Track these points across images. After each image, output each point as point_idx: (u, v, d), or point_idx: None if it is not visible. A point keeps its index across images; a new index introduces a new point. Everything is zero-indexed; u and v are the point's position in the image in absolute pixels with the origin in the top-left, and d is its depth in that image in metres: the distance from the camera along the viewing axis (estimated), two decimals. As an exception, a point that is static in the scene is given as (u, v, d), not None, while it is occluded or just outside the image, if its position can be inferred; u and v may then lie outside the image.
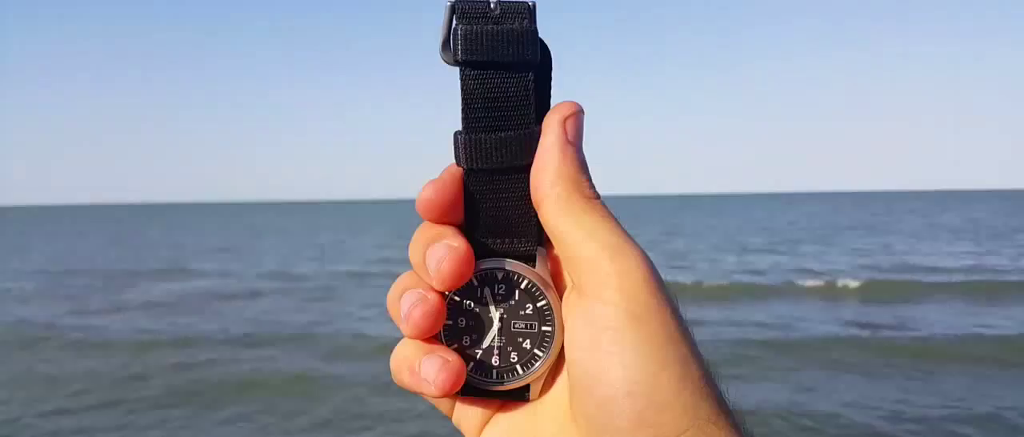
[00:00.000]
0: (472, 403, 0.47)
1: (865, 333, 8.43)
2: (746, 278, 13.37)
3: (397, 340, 0.46)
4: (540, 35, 0.43)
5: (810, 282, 12.34)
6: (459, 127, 0.44)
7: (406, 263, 0.45)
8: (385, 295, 0.46)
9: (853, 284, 12.00)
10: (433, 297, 0.43)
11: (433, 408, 0.49)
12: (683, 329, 0.40)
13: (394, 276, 0.47)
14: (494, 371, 0.45)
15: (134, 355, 7.71)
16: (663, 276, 0.41)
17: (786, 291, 11.87)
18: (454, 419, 0.48)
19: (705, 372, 0.40)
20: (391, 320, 0.45)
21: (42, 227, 48.99)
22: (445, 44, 0.42)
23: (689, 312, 0.43)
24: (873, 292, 11.54)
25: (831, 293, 11.60)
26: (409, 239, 0.45)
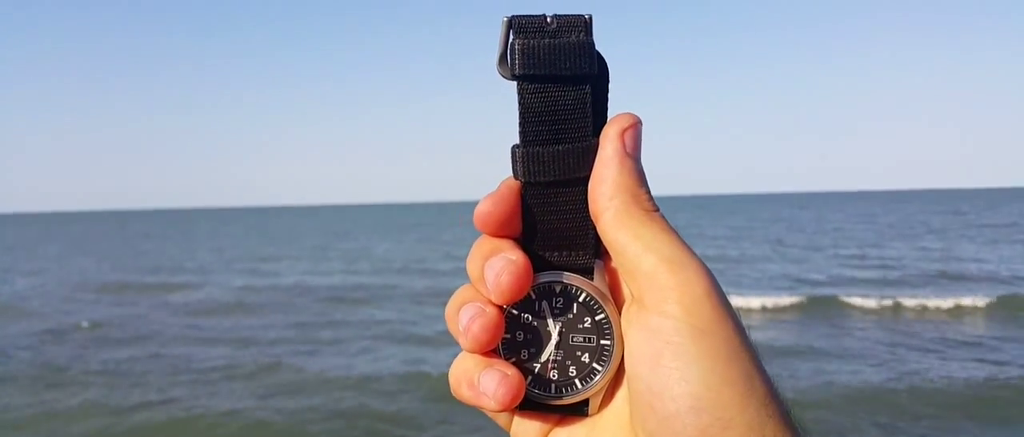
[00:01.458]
0: (531, 417, 0.47)
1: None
2: (808, 290, 12.26)
3: (455, 354, 0.46)
4: (596, 48, 0.43)
5: (872, 302, 10.86)
6: (516, 141, 0.44)
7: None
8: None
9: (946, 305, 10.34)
10: (491, 310, 0.43)
11: (492, 422, 0.49)
12: (746, 343, 0.39)
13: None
14: (553, 385, 0.45)
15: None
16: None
17: (847, 308, 10.72)
18: (512, 433, 0.48)
19: (770, 388, 0.39)
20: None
21: (56, 235, 49.41)
22: (502, 58, 0.43)
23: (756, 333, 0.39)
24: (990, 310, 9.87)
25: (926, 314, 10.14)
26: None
